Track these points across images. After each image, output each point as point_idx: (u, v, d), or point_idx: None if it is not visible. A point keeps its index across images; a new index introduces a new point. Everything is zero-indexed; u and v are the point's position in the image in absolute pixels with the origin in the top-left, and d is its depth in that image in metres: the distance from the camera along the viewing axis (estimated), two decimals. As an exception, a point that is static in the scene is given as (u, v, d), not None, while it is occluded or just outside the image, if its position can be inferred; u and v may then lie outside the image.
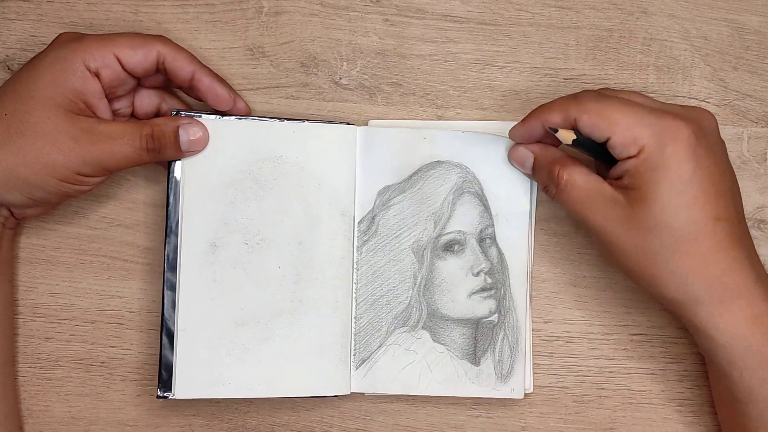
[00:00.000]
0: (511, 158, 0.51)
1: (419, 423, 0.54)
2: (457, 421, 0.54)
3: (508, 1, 0.55)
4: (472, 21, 0.55)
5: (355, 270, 0.53)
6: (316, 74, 0.55)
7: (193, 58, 0.50)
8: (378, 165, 0.53)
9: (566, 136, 0.47)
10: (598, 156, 0.48)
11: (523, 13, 0.55)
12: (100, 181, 0.50)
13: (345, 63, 0.55)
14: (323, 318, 0.52)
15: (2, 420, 0.52)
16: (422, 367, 0.53)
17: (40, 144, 0.47)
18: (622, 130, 0.45)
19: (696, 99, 0.55)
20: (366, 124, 0.55)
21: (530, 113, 0.49)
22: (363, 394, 0.54)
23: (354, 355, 0.53)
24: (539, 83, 0.55)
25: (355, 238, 0.53)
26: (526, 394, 0.53)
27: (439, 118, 0.55)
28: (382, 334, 0.53)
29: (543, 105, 0.49)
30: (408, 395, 0.54)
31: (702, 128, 0.46)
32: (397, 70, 0.55)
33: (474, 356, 0.53)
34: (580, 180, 0.47)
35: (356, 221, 0.53)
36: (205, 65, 0.51)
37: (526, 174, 0.52)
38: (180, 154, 0.51)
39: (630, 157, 0.45)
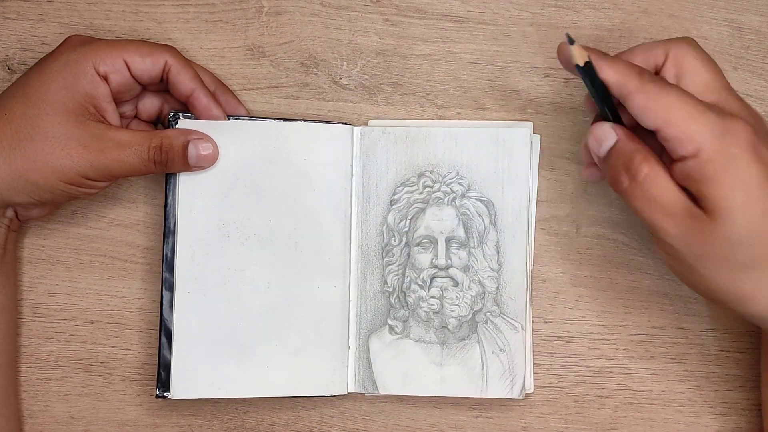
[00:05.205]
0: (592, 133, 0.45)
1: (419, 423, 0.54)
2: (457, 421, 0.54)
3: (509, 0, 0.55)
4: (472, 21, 0.55)
5: (352, 269, 0.53)
6: (316, 74, 0.55)
7: (196, 75, 0.50)
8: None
9: (579, 56, 0.42)
10: (599, 98, 0.44)
11: (524, 13, 0.55)
12: (106, 185, 0.50)
13: (345, 63, 0.55)
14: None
15: (5, 422, 0.52)
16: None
17: (50, 148, 0.47)
18: (677, 122, 0.41)
19: (696, 99, 0.55)
20: (366, 123, 0.55)
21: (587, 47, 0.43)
22: (363, 394, 0.53)
23: (352, 354, 0.53)
24: (539, 83, 0.55)
25: (352, 238, 0.53)
26: (526, 395, 0.53)
27: (440, 117, 0.55)
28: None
29: (603, 54, 0.43)
30: (407, 395, 0.54)
31: (758, 128, 0.42)
32: (397, 69, 0.55)
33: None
34: (661, 179, 0.42)
35: (353, 221, 0.53)
36: (206, 86, 0.51)
37: (594, 157, 0.45)
38: (187, 168, 0.51)
39: (686, 158, 0.41)
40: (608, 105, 0.45)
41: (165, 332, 0.51)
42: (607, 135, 0.45)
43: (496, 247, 0.53)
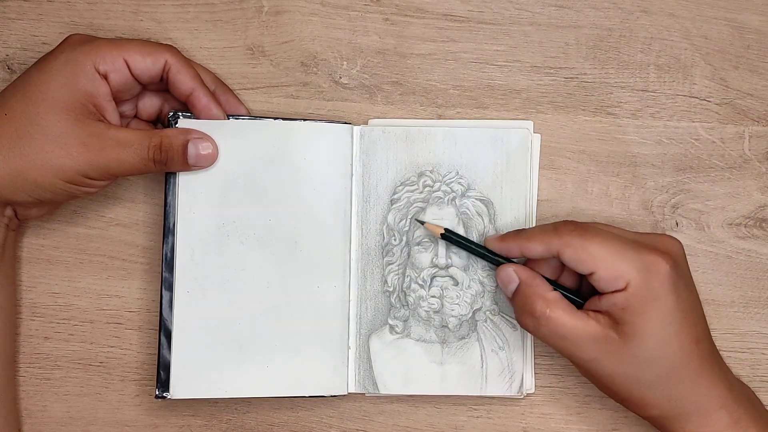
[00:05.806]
0: (498, 276, 0.50)
1: (419, 423, 0.54)
2: (458, 421, 0.54)
3: (508, 0, 0.55)
4: (472, 20, 0.55)
5: (352, 269, 0.53)
6: (316, 73, 0.55)
7: (196, 74, 0.50)
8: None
9: (435, 231, 0.51)
10: (471, 250, 0.51)
11: (524, 13, 0.55)
12: (106, 184, 0.50)
13: (345, 62, 0.55)
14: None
15: (3, 422, 0.52)
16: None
17: (49, 147, 0.47)
18: (607, 266, 0.46)
19: (697, 98, 0.55)
20: (366, 123, 0.55)
21: (510, 234, 0.50)
22: (363, 394, 0.53)
23: (352, 354, 0.53)
24: (539, 82, 0.55)
25: (352, 238, 0.53)
26: (527, 395, 0.53)
27: (439, 117, 0.55)
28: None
29: (524, 231, 0.50)
30: (407, 395, 0.54)
31: (675, 259, 0.47)
32: (397, 69, 0.55)
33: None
34: (565, 318, 0.47)
35: (353, 221, 0.53)
36: (206, 85, 0.51)
37: (505, 296, 0.51)
38: (187, 168, 0.51)
39: (617, 291, 0.46)
40: (489, 253, 0.51)
41: (164, 332, 0.51)
42: (510, 278, 0.50)
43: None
